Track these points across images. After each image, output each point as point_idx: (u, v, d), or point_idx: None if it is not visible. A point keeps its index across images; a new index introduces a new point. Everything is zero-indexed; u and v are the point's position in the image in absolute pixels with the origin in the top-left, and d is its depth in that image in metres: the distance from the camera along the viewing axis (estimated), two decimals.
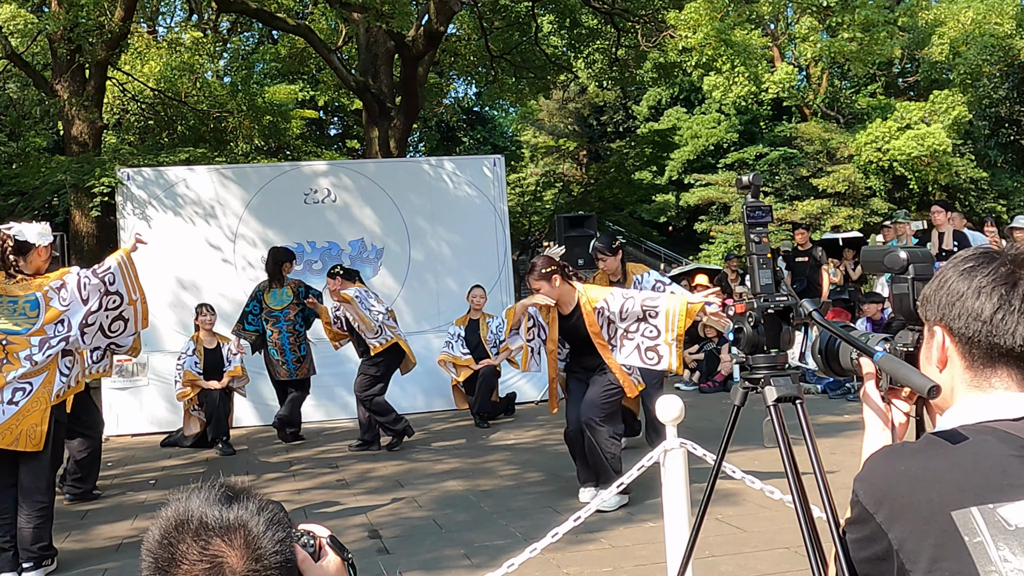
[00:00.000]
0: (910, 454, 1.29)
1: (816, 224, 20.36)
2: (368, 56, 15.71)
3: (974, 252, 1.35)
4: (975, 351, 1.29)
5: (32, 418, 4.36)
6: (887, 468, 1.28)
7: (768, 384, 2.16)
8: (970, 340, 1.29)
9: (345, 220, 9.96)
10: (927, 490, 1.22)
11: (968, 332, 1.29)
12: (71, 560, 4.71)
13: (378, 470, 6.67)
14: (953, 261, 1.36)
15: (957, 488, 1.20)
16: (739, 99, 20.25)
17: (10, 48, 12.25)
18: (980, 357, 1.29)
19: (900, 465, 1.27)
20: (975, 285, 1.29)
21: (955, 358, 1.32)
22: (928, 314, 1.36)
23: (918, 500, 1.22)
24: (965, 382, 1.31)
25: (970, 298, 1.29)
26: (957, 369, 1.32)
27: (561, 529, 3.24)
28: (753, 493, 5.00)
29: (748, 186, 2.31)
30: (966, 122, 21.04)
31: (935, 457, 1.25)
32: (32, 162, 13.19)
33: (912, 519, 1.21)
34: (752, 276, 2.24)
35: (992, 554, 1.16)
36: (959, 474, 1.22)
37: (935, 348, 1.35)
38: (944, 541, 1.18)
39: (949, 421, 1.32)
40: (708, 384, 10.51)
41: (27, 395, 4.37)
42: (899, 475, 1.26)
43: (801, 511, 2.04)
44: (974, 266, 1.32)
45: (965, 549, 1.17)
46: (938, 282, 1.35)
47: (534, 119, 31.37)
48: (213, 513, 1.13)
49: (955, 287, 1.31)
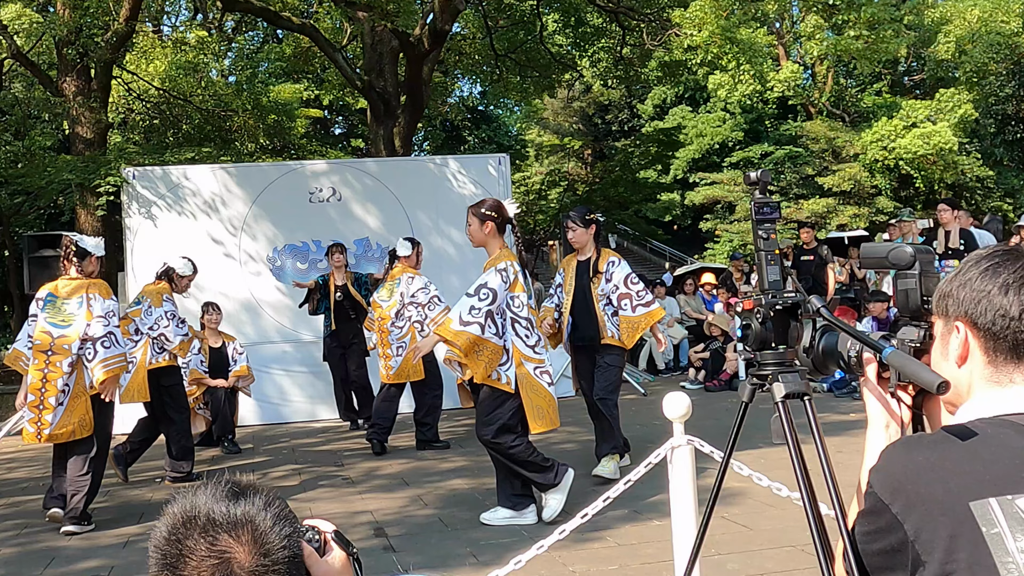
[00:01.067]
0: (927, 445, 1.29)
1: (821, 223, 20.34)
2: (373, 55, 15.70)
3: (997, 250, 1.37)
4: (999, 347, 1.31)
5: (79, 411, 5.17)
6: (904, 459, 1.29)
7: (776, 380, 2.14)
8: (995, 336, 1.31)
9: (350, 219, 9.97)
10: (945, 481, 1.22)
11: (995, 328, 1.30)
12: (78, 557, 4.71)
13: (384, 468, 6.67)
14: (975, 259, 1.37)
15: (975, 479, 1.21)
16: (744, 98, 20.21)
17: (16, 47, 12.27)
18: (1004, 353, 1.30)
19: (918, 456, 1.28)
20: (1002, 282, 1.31)
21: (976, 354, 1.33)
22: (949, 310, 1.37)
23: (935, 491, 1.22)
24: (985, 377, 1.32)
25: (997, 295, 1.30)
26: (977, 365, 1.33)
27: (568, 526, 3.24)
28: (759, 491, 4.99)
29: (756, 182, 2.29)
30: (972, 120, 20.99)
31: (953, 449, 1.26)
32: (38, 161, 13.20)
33: (929, 510, 1.22)
34: (760, 272, 2.23)
35: (1009, 545, 1.17)
36: (977, 465, 1.22)
37: (956, 344, 1.36)
38: (961, 532, 1.19)
39: (966, 415, 1.33)
40: (714, 383, 10.49)
41: (67, 395, 5.15)
42: (916, 466, 1.26)
43: (809, 508, 2.03)
44: (999, 263, 1.33)
45: (982, 540, 1.17)
46: (960, 279, 1.36)
47: (539, 118, 31.37)
48: (220, 509, 1.13)
49: (980, 284, 1.33)
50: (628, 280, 5.88)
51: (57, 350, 5.14)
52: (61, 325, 5.18)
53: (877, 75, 24.49)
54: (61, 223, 17.48)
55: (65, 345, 5.14)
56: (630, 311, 5.82)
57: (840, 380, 9.47)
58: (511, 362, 4.73)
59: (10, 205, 14.74)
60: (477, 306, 4.62)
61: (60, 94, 12.43)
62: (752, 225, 2.29)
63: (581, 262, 5.98)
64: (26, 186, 12.73)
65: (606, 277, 5.87)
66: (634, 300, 5.84)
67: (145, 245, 9.55)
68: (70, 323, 5.17)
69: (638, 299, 5.85)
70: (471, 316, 4.60)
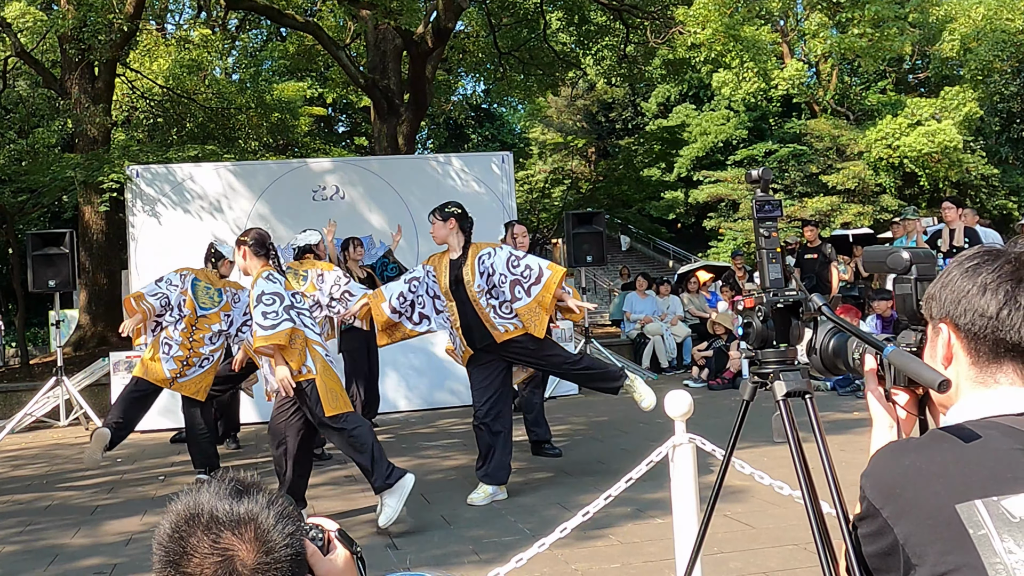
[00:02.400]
0: (914, 449, 1.30)
1: (825, 221, 20.31)
2: (376, 53, 15.71)
3: (978, 250, 1.37)
4: (980, 347, 1.30)
5: (208, 378, 6.13)
6: (892, 464, 1.30)
7: (777, 379, 2.15)
8: (976, 336, 1.30)
9: (353, 217, 9.97)
10: (932, 485, 1.23)
11: (974, 328, 1.30)
12: (81, 554, 4.73)
13: None
14: (958, 259, 1.37)
15: (961, 482, 1.21)
16: (748, 96, 20.20)
17: (20, 45, 12.29)
18: (985, 353, 1.30)
19: (905, 460, 1.28)
20: (980, 282, 1.30)
21: (960, 355, 1.33)
22: (933, 311, 1.37)
23: (923, 495, 1.23)
24: (970, 378, 1.32)
25: (976, 295, 1.30)
26: (962, 366, 1.33)
27: (570, 524, 3.24)
28: (761, 490, 4.99)
29: (758, 180, 2.30)
30: (977, 118, 20.95)
31: (940, 452, 1.26)
32: (41, 160, 13.23)
33: (917, 514, 1.22)
34: (761, 270, 2.23)
35: (997, 546, 1.17)
36: (963, 468, 1.23)
37: (940, 345, 1.36)
38: (949, 535, 1.19)
39: (954, 417, 1.33)
40: (717, 381, 10.48)
41: (211, 361, 6.12)
42: (904, 470, 1.27)
43: (810, 506, 2.03)
44: (979, 263, 1.33)
45: (970, 542, 1.18)
46: (943, 280, 1.36)
47: (542, 116, 31.34)
48: (223, 507, 1.14)
49: (960, 284, 1.32)
50: (509, 264, 5.19)
51: (200, 327, 6.07)
52: (205, 307, 6.13)
53: (881, 73, 24.45)
54: (64, 221, 17.51)
55: (207, 324, 6.08)
56: (525, 297, 5.14)
57: (844, 379, 9.46)
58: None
59: (14, 203, 14.73)
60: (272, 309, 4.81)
61: (64, 92, 12.45)
62: (754, 223, 2.30)
63: (452, 261, 5.34)
64: (30, 184, 12.74)
65: (480, 271, 5.21)
66: (524, 283, 5.15)
67: (149, 243, 9.57)
68: (214, 307, 6.15)
69: (527, 280, 5.15)
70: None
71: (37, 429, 9.64)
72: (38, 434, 9.43)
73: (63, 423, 9.71)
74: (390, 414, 9.36)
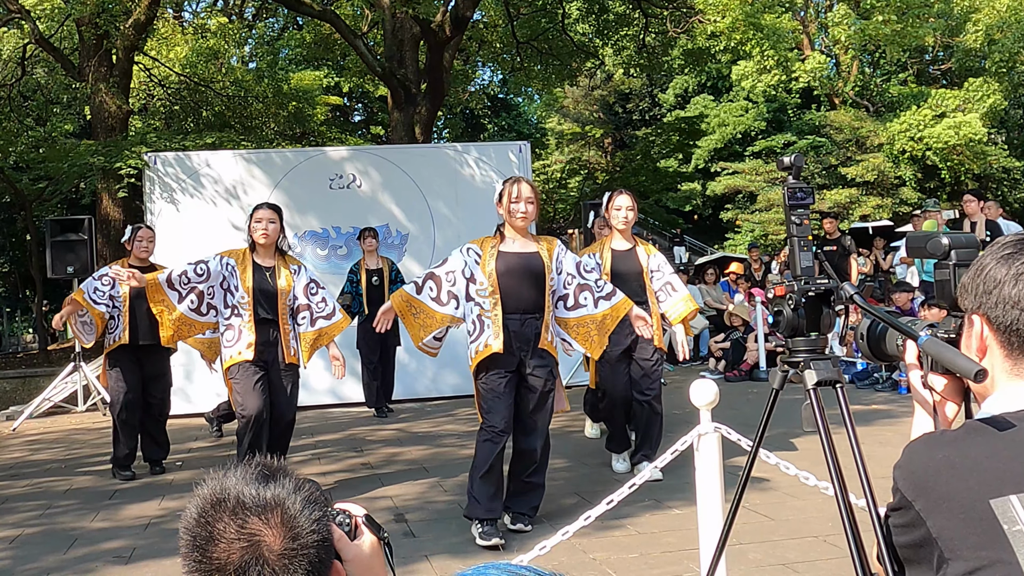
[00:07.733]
0: (948, 442, 1.27)
1: (844, 213, 20.16)
2: (394, 42, 15.68)
3: (1012, 238, 1.33)
4: (1014, 339, 1.27)
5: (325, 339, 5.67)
6: (925, 457, 1.27)
7: (808, 368, 2.12)
8: (1008, 328, 1.27)
9: (370, 206, 9.96)
10: (965, 479, 1.20)
11: (1007, 320, 1.27)
12: (100, 538, 4.74)
13: (403, 454, 6.68)
14: (991, 248, 1.34)
15: (995, 476, 1.19)
16: (769, 88, 20.03)
17: (38, 32, 12.33)
18: (1019, 345, 1.27)
19: (938, 453, 1.26)
20: (1014, 271, 1.27)
21: (994, 346, 1.30)
22: (966, 303, 1.34)
23: (956, 489, 1.20)
24: (1005, 370, 1.29)
25: (1008, 285, 1.27)
26: (996, 357, 1.30)
27: (594, 512, 3.22)
28: (782, 481, 4.96)
29: (790, 167, 2.26)
30: (1001, 110, 20.72)
31: (973, 445, 1.23)
32: (59, 147, 13.29)
33: (950, 508, 1.20)
34: (792, 258, 2.19)
35: None
36: (998, 462, 1.20)
37: (974, 337, 1.33)
38: (983, 530, 1.17)
39: (989, 409, 1.30)
40: (734, 373, 10.44)
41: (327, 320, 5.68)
42: (937, 463, 1.24)
43: (840, 497, 2.00)
44: (1012, 252, 1.29)
45: (1004, 538, 1.15)
46: (975, 270, 1.33)
47: (559, 106, 31.23)
48: (250, 491, 1.12)
49: (993, 274, 1.29)
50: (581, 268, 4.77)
51: None
52: None
53: (903, 64, 24.19)
54: (82, 207, 17.59)
55: None
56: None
57: (863, 371, 9.39)
58: None
59: (32, 190, 14.83)
60: None
61: (82, 79, 12.48)
62: (785, 211, 2.26)
63: None
64: (48, 171, 12.80)
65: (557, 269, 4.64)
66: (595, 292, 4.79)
67: (166, 229, 9.59)
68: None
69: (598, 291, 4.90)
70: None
71: (55, 414, 9.71)
72: (56, 419, 9.49)
73: (81, 408, 9.78)
74: (405, 402, 9.36)
